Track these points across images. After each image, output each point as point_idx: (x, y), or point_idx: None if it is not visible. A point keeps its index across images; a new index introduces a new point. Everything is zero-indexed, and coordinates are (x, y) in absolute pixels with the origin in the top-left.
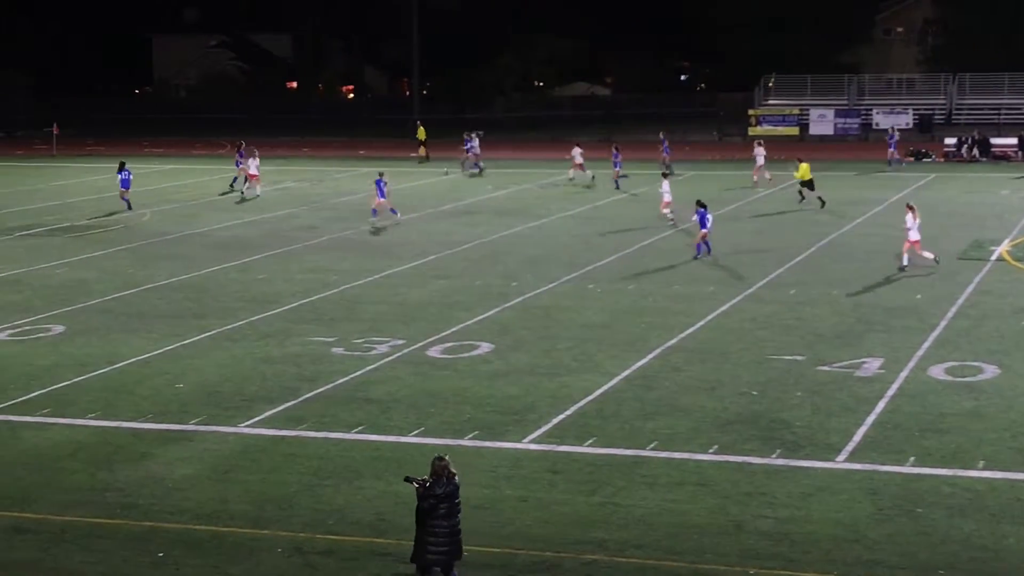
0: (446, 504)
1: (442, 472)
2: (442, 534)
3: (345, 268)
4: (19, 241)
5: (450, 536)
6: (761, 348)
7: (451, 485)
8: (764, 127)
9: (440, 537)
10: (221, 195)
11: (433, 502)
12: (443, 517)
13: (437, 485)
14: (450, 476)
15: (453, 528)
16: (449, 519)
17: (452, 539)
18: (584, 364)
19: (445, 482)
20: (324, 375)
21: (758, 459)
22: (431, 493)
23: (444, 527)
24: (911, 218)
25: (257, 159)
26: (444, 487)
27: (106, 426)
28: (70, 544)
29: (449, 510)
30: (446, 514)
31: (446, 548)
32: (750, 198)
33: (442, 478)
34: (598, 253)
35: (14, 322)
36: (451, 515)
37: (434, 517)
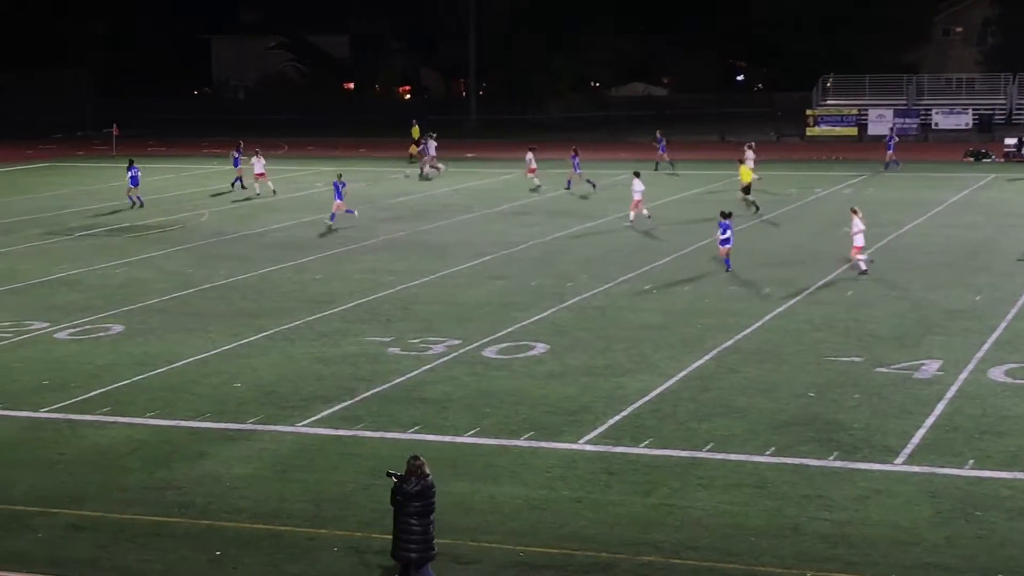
0: (417, 503)
1: (415, 471)
2: (415, 532)
3: (401, 268)
4: (79, 241)
5: (422, 535)
6: (818, 349)
7: (421, 484)
8: (822, 127)
9: (413, 535)
10: (213, 196)
11: (400, 499)
12: (415, 515)
13: (406, 483)
14: (422, 476)
15: (425, 527)
16: (420, 518)
17: (424, 538)
18: (640, 365)
19: (415, 481)
20: (380, 375)
21: (815, 461)
22: (399, 490)
23: (415, 525)
24: (857, 222)
25: (263, 159)
26: (414, 486)
27: (164, 425)
28: (128, 542)
29: (421, 509)
30: (417, 513)
31: (416, 547)
32: (808, 199)
33: (413, 476)
34: (654, 254)
35: (75, 321)
36: (424, 515)
37: (405, 514)
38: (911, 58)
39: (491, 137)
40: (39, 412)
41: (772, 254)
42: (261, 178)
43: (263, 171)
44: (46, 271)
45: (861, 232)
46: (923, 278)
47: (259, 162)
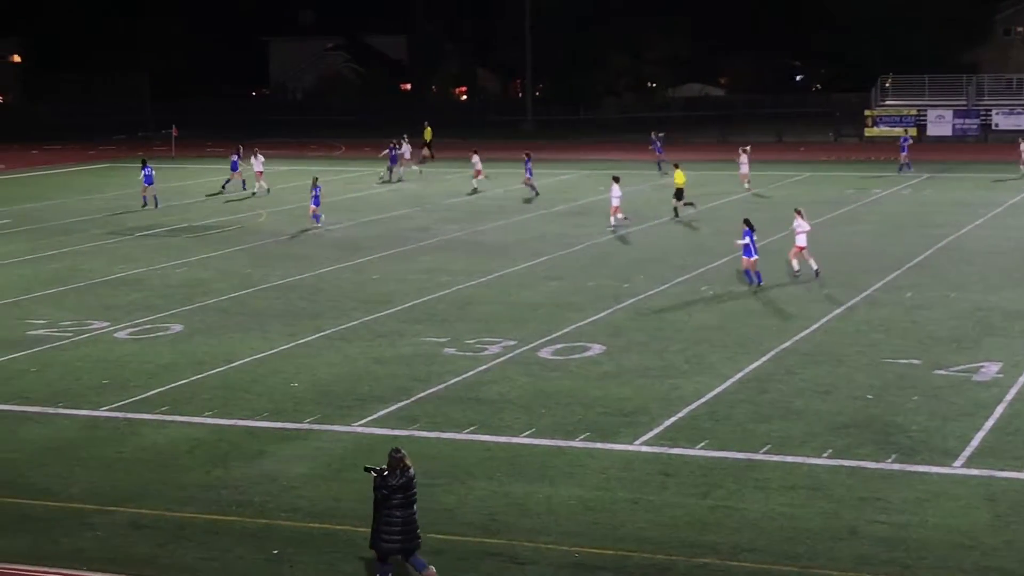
0: (400, 495)
1: (397, 464)
2: (396, 523)
3: (457, 268)
4: (139, 241)
5: (404, 526)
6: (876, 351)
7: (404, 477)
8: (881, 128)
9: (394, 527)
10: (206, 196)
11: (386, 492)
12: (397, 507)
13: (391, 476)
14: (404, 468)
15: (407, 518)
16: (403, 510)
17: (407, 529)
18: (696, 366)
19: (399, 474)
20: (436, 375)
21: (873, 464)
22: (385, 483)
23: (398, 517)
24: (801, 222)
25: (261, 157)
26: (398, 479)
27: (222, 424)
28: (187, 540)
29: (404, 501)
30: (400, 505)
31: (399, 538)
32: (865, 200)
33: (396, 470)
34: (711, 255)
35: (135, 321)
36: (406, 506)
37: (388, 507)
38: (971, 58)
39: (547, 138)
40: (99, 411)
41: (831, 255)
42: (259, 176)
43: (261, 169)
44: (107, 271)
45: (804, 233)
46: (982, 280)
47: (257, 161)
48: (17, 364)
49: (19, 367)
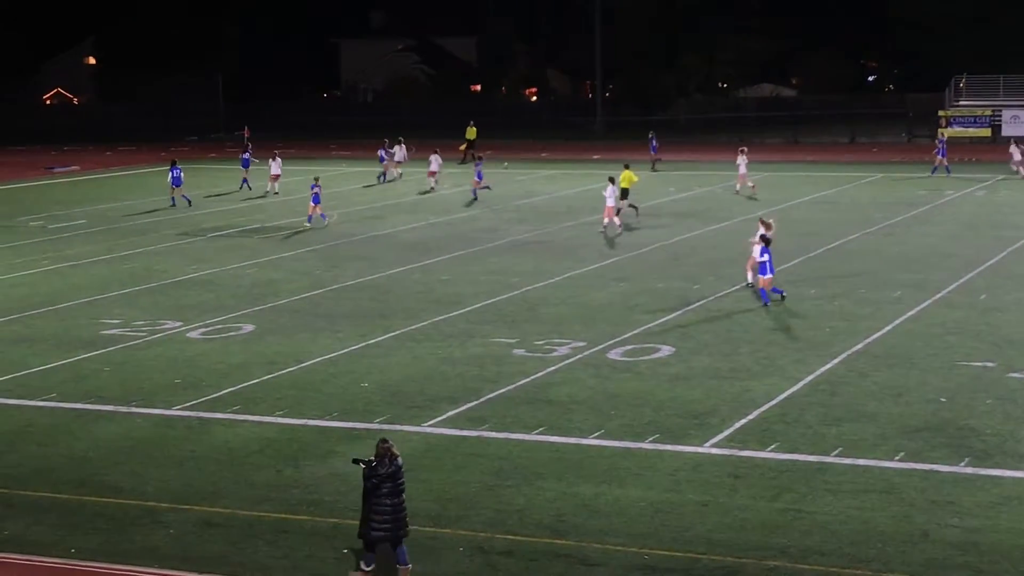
0: (389, 484)
1: (385, 454)
2: (385, 512)
3: (527, 270)
4: (212, 242)
5: (393, 514)
6: (950, 354)
7: (393, 466)
8: (955, 128)
9: (384, 515)
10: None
11: (375, 481)
12: (386, 496)
13: (380, 465)
14: (392, 457)
15: (396, 507)
16: (392, 498)
17: (396, 517)
18: (767, 368)
19: (388, 463)
20: (505, 376)
21: (946, 467)
22: (374, 473)
23: (387, 505)
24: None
25: (279, 160)
26: (387, 468)
27: (293, 424)
28: (258, 539)
29: (392, 490)
30: (389, 493)
31: (389, 526)
32: (938, 201)
33: (384, 459)
34: (781, 256)
35: (207, 321)
36: (394, 495)
37: (377, 496)
38: None
39: (617, 139)
40: (171, 410)
41: (903, 257)
42: (275, 180)
43: (279, 172)
44: (180, 271)
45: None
46: None
47: (275, 164)
48: (91, 363)
49: (93, 366)
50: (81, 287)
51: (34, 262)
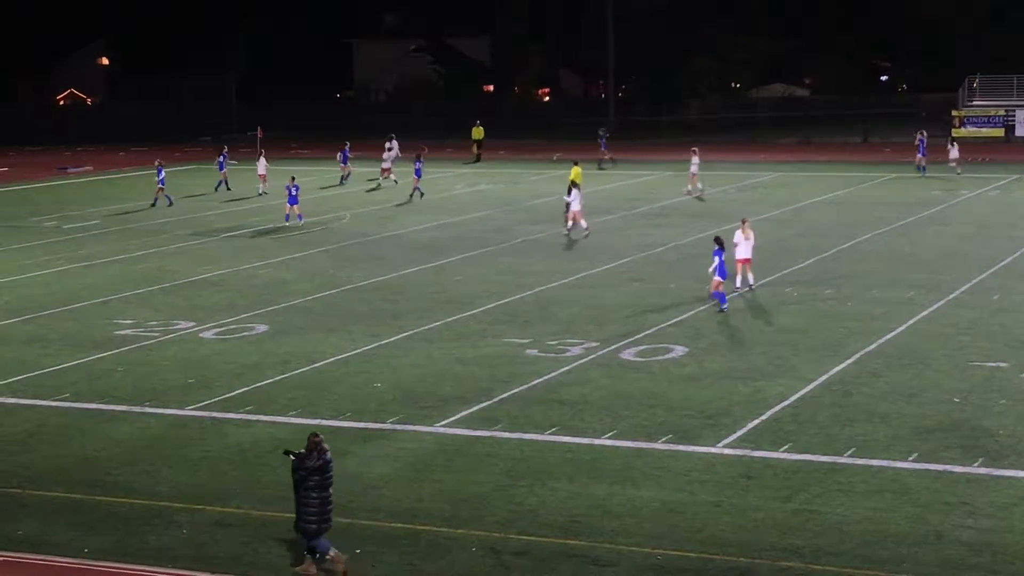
0: (317, 476)
1: (314, 447)
2: (313, 504)
3: (539, 270)
4: (225, 242)
5: (320, 507)
6: (963, 354)
7: (321, 459)
8: (968, 128)
9: (311, 507)
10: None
11: (303, 474)
12: (314, 489)
13: (308, 458)
14: (321, 451)
15: (323, 500)
16: (319, 491)
17: (322, 510)
18: (780, 368)
19: (316, 456)
20: (518, 376)
21: (959, 467)
22: (302, 466)
23: (314, 498)
24: (740, 235)
25: (265, 160)
26: (315, 460)
27: (306, 424)
28: (271, 539)
29: (319, 483)
30: (316, 486)
31: (315, 518)
32: (952, 201)
33: (313, 452)
34: (795, 256)
35: (220, 321)
36: (322, 488)
37: (305, 488)
38: None
39: (630, 139)
40: (184, 410)
41: (916, 257)
42: (262, 179)
43: (264, 172)
44: (192, 271)
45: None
46: None
47: (261, 164)
48: (104, 363)
49: (106, 366)
50: (94, 287)
51: (47, 262)
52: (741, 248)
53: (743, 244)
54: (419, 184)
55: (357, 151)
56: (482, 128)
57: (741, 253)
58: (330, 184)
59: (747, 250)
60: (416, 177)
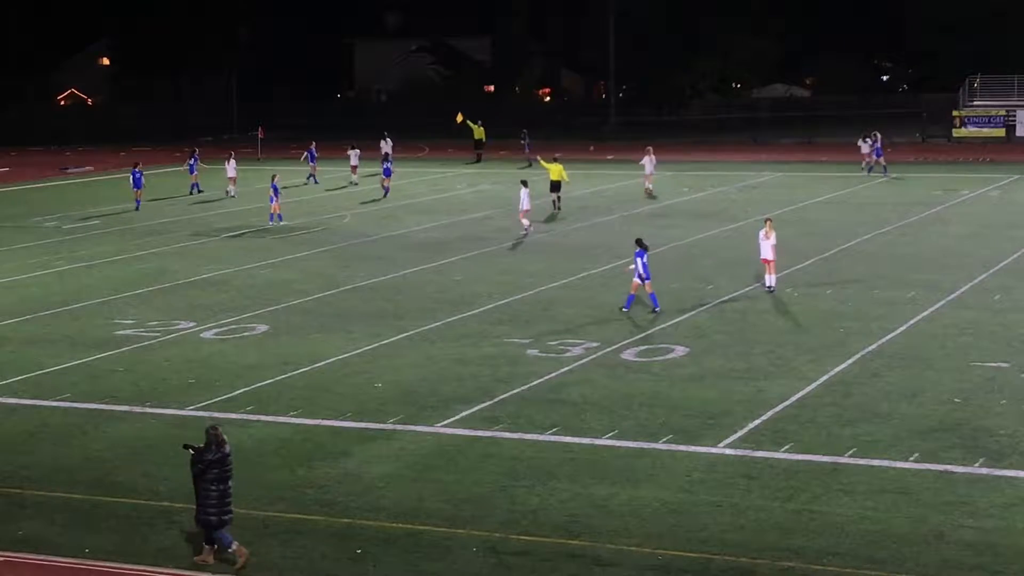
0: (216, 469)
1: (214, 440)
2: (213, 497)
3: (540, 270)
4: (225, 242)
5: (220, 499)
6: (964, 354)
7: (220, 453)
8: (969, 128)
9: (211, 500)
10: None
11: (202, 467)
12: (213, 481)
13: (207, 451)
14: (220, 444)
15: (222, 492)
16: (219, 484)
17: (222, 502)
18: (781, 369)
19: (215, 449)
20: (519, 376)
21: (961, 468)
22: (200, 459)
23: (214, 491)
24: (763, 235)
25: (234, 163)
26: (214, 454)
27: (307, 424)
28: (271, 539)
29: (219, 476)
30: (215, 479)
31: (215, 511)
32: (953, 201)
33: (212, 446)
34: (796, 257)
35: (220, 321)
36: (221, 480)
37: (205, 480)
38: None
39: (631, 139)
40: (185, 410)
41: (918, 257)
42: (232, 181)
43: (234, 175)
44: (193, 271)
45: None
46: None
47: (230, 166)
48: (105, 363)
49: (107, 366)
50: (95, 287)
51: (48, 262)
52: (764, 248)
53: (765, 244)
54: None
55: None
56: (482, 128)
57: (764, 253)
58: (336, 186)
59: (768, 250)
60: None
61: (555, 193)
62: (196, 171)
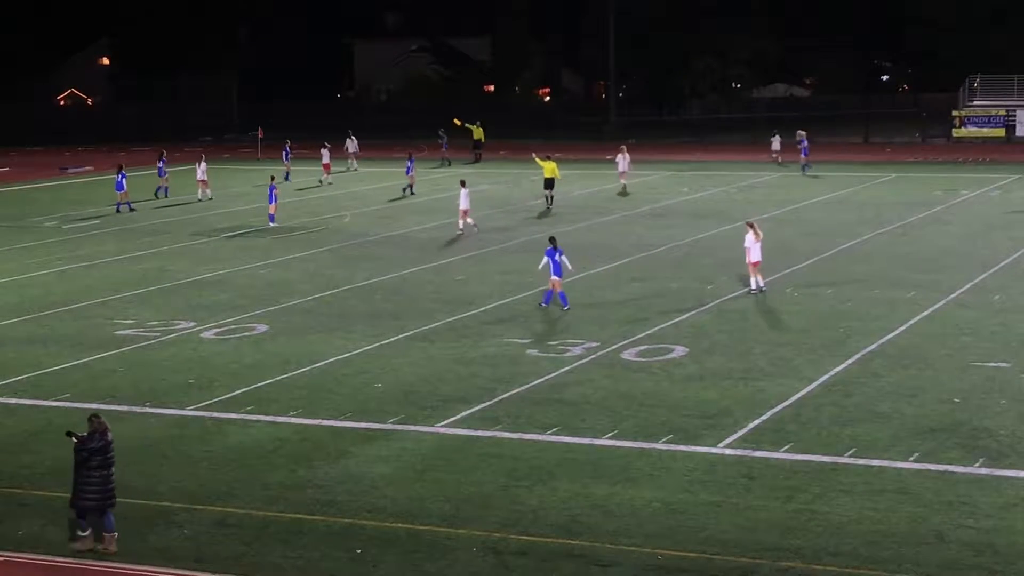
0: (99, 457)
1: (97, 429)
2: (94, 483)
3: (540, 270)
4: (226, 242)
5: (101, 486)
6: (964, 354)
7: (102, 441)
8: (969, 128)
9: (92, 486)
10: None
11: (85, 455)
12: (95, 469)
13: (91, 440)
14: (103, 433)
15: (104, 479)
16: (100, 471)
17: (103, 488)
18: (781, 369)
19: (97, 438)
20: (519, 376)
21: (960, 468)
22: (84, 447)
23: (96, 477)
24: (751, 237)
25: (204, 165)
26: (96, 442)
27: (307, 424)
28: (271, 539)
29: (101, 463)
30: (98, 466)
31: (97, 496)
32: (953, 201)
33: (95, 435)
34: (795, 256)
35: (220, 321)
36: (103, 467)
37: (87, 468)
38: None
39: (630, 139)
40: (185, 410)
41: (917, 257)
42: (202, 185)
43: (204, 178)
44: (193, 271)
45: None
46: None
47: (200, 169)
48: (105, 363)
49: (107, 366)
50: (95, 287)
51: (48, 262)
52: (753, 251)
53: (754, 247)
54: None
55: (363, 152)
56: (481, 128)
57: (754, 256)
58: (334, 186)
59: (758, 252)
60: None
61: (548, 191)
62: (165, 174)
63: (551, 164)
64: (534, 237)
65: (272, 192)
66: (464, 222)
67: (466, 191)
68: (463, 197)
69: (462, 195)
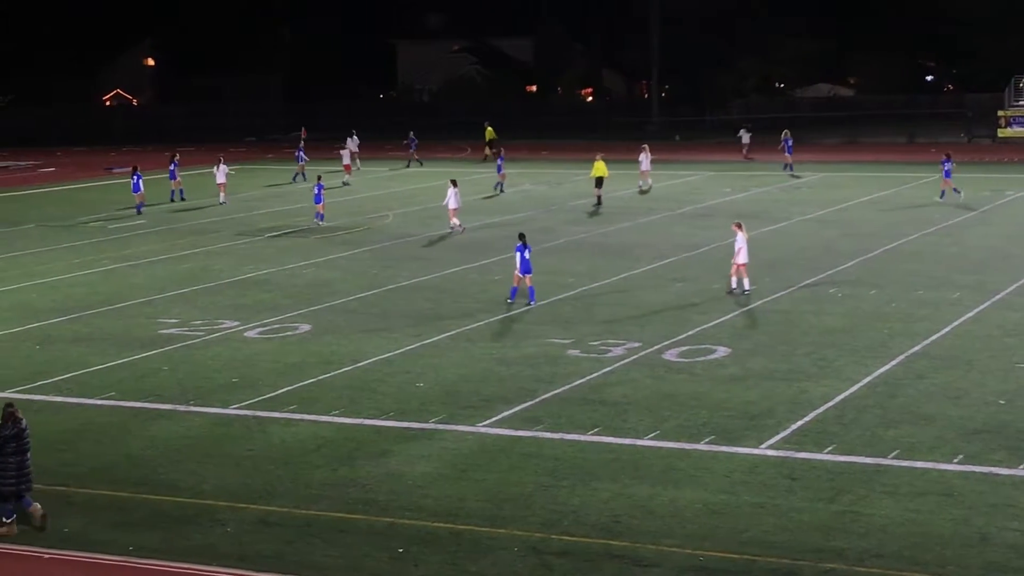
0: (13, 444)
1: (9, 417)
2: (11, 469)
3: (581, 270)
4: (269, 242)
5: (18, 471)
6: (1009, 356)
7: (16, 428)
8: (1015, 128)
9: (9, 471)
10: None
11: (0, 442)
12: (11, 455)
13: (4, 428)
14: (16, 420)
15: (21, 464)
16: (16, 456)
17: (20, 473)
18: (824, 370)
19: (11, 426)
20: (560, 376)
21: (1005, 470)
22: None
23: (12, 463)
24: (741, 238)
25: (224, 168)
26: (11, 429)
27: (349, 423)
28: (314, 537)
29: (17, 449)
30: (14, 452)
31: (14, 481)
32: (999, 201)
33: (8, 422)
34: (839, 257)
35: (264, 320)
36: (19, 453)
37: (4, 454)
38: None
39: (674, 139)
40: (229, 409)
41: (962, 258)
42: (222, 188)
43: (224, 181)
44: (237, 271)
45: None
46: None
47: (220, 172)
48: (150, 362)
49: (152, 365)
50: (140, 287)
51: (94, 262)
52: (742, 253)
53: (745, 249)
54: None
55: (399, 153)
56: (491, 128)
57: (742, 258)
58: (376, 186)
59: (745, 254)
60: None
61: (598, 189)
62: (177, 176)
63: (601, 163)
64: (575, 238)
65: (319, 191)
66: (452, 222)
67: (455, 190)
68: (452, 196)
69: (450, 194)
